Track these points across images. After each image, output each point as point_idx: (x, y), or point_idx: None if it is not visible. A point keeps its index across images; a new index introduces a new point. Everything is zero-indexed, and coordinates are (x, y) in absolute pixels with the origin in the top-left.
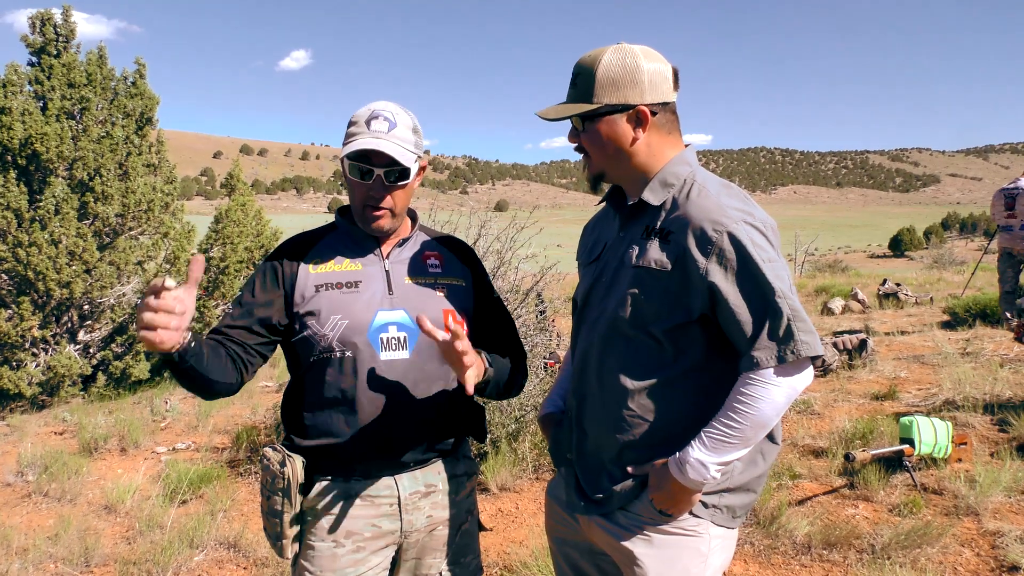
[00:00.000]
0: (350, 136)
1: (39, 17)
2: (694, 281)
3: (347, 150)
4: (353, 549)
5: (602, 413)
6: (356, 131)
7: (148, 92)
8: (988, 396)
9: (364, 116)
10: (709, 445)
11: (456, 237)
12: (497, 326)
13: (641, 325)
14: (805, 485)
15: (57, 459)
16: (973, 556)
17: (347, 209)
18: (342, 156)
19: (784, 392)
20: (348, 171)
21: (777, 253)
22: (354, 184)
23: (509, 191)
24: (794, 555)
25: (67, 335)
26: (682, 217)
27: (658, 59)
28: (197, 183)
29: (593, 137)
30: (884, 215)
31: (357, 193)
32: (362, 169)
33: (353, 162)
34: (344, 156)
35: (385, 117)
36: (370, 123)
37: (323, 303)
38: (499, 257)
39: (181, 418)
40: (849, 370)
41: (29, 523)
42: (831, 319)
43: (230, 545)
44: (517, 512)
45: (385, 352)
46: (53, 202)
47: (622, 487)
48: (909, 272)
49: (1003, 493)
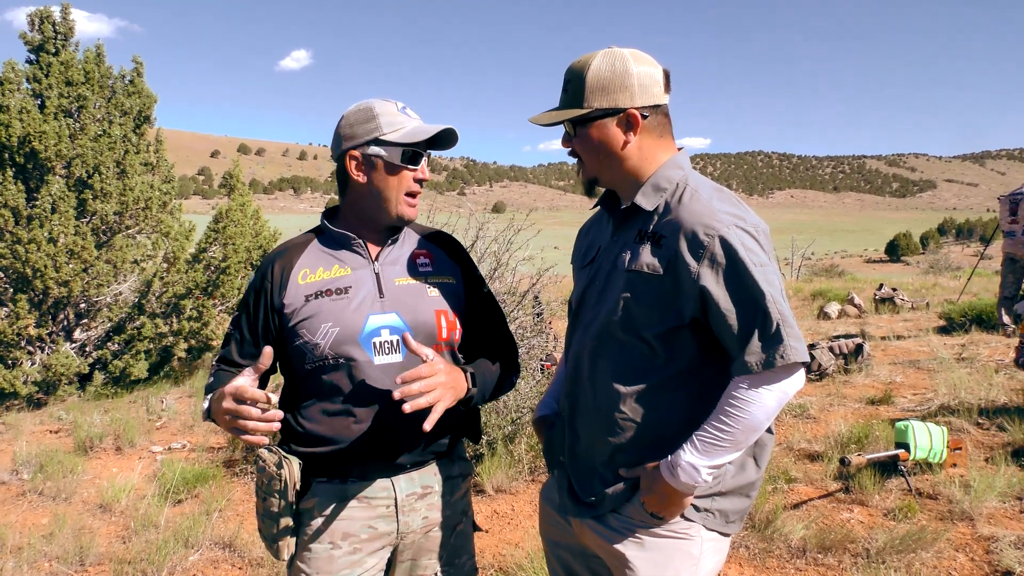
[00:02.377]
0: (386, 126)
1: (38, 15)
2: (686, 285)
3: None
4: (349, 551)
5: (594, 416)
6: (394, 120)
7: (146, 90)
8: (983, 401)
9: (391, 107)
10: (700, 448)
11: (445, 232)
12: (488, 322)
13: (633, 329)
14: (800, 489)
15: (52, 458)
16: (967, 561)
17: (333, 212)
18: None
19: (775, 396)
20: (391, 160)
21: (769, 258)
22: (398, 172)
23: (507, 193)
24: (789, 559)
25: (64, 333)
26: (674, 221)
27: (648, 62)
28: (194, 182)
29: (585, 142)
30: (881, 220)
31: (403, 181)
32: (415, 154)
33: (409, 147)
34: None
35: (404, 105)
36: (405, 110)
37: (313, 312)
38: (496, 259)
39: (177, 417)
40: (845, 374)
41: (24, 522)
42: (827, 323)
43: (225, 545)
44: (513, 514)
45: (379, 356)
46: (51, 200)
47: (614, 490)
48: (905, 277)
49: (998, 498)
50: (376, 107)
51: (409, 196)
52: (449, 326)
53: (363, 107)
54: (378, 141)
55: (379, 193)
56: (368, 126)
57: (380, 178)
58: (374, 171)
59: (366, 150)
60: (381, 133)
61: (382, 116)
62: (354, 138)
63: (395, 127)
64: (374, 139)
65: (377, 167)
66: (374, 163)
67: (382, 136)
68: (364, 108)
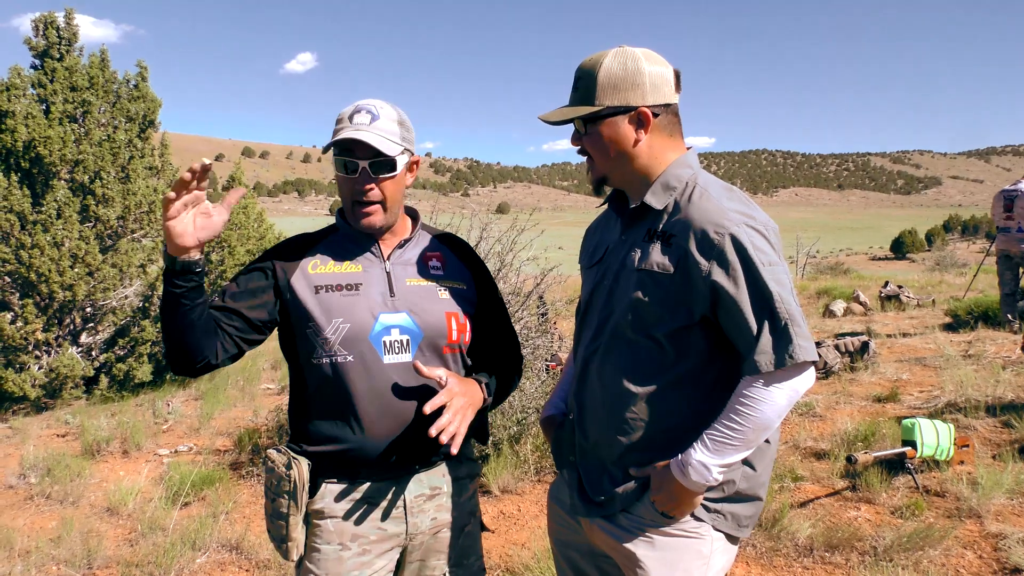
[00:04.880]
0: (335, 133)
1: (42, 20)
2: (696, 284)
3: (329, 143)
4: (359, 552)
5: (604, 416)
6: (339, 126)
7: (150, 95)
8: (990, 398)
9: (348, 112)
10: (711, 447)
11: (457, 236)
12: (496, 328)
13: (643, 328)
14: (807, 487)
15: (59, 461)
16: (975, 558)
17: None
18: (324, 151)
19: (785, 394)
20: (336, 167)
21: (778, 256)
22: (341, 180)
23: (511, 193)
24: (796, 557)
25: (70, 337)
26: (684, 220)
27: (659, 61)
28: None
29: (595, 140)
30: (885, 217)
31: (345, 189)
32: (347, 162)
33: (338, 156)
34: (330, 151)
35: (368, 110)
36: (352, 117)
37: (323, 305)
38: (500, 259)
39: (183, 420)
40: (851, 372)
41: (32, 525)
42: (833, 321)
43: (232, 547)
44: (519, 514)
45: (388, 355)
46: (55, 205)
47: (624, 489)
48: (911, 274)
49: (1005, 495)
50: (339, 113)
51: (360, 204)
52: (459, 329)
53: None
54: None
55: (342, 200)
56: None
57: (339, 186)
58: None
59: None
60: (332, 138)
61: (336, 124)
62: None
63: (336, 132)
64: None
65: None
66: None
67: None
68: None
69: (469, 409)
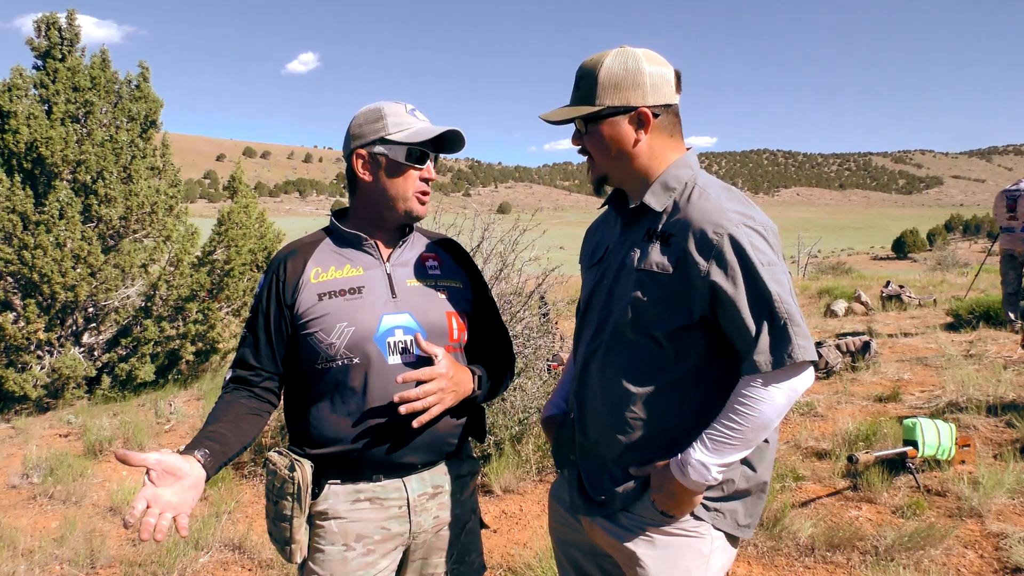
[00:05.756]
0: (396, 125)
1: (44, 21)
2: (695, 283)
3: (411, 136)
4: (363, 552)
5: (604, 415)
6: (402, 120)
7: (152, 95)
8: (991, 398)
9: (401, 109)
10: (711, 446)
11: (450, 238)
12: (491, 328)
13: (642, 328)
14: (808, 487)
15: (62, 461)
16: (976, 558)
17: (343, 212)
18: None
19: (785, 394)
20: (404, 157)
21: (777, 256)
22: (405, 170)
23: (512, 193)
24: (797, 557)
25: (72, 338)
26: (683, 220)
27: (660, 62)
28: (200, 186)
29: (596, 139)
30: (887, 217)
31: (408, 180)
32: (424, 154)
33: (415, 146)
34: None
35: (412, 106)
36: (414, 113)
37: (327, 311)
38: (502, 260)
39: (185, 420)
40: (852, 372)
41: (35, 525)
42: (834, 321)
43: (235, 547)
44: (521, 514)
45: (392, 356)
46: (58, 205)
47: (624, 488)
48: (912, 274)
49: (1006, 495)
50: (385, 108)
51: (418, 194)
52: (459, 327)
53: (373, 108)
54: (384, 140)
55: (384, 192)
56: (375, 126)
57: (385, 177)
58: (380, 170)
59: (372, 149)
60: (387, 133)
61: (389, 117)
62: (362, 137)
63: (401, 127)
64: (380, 138)
65: (382, 166)
66: (379, 162)
67: (388, 136)
68: (374, 109)
69: (450, 395)
